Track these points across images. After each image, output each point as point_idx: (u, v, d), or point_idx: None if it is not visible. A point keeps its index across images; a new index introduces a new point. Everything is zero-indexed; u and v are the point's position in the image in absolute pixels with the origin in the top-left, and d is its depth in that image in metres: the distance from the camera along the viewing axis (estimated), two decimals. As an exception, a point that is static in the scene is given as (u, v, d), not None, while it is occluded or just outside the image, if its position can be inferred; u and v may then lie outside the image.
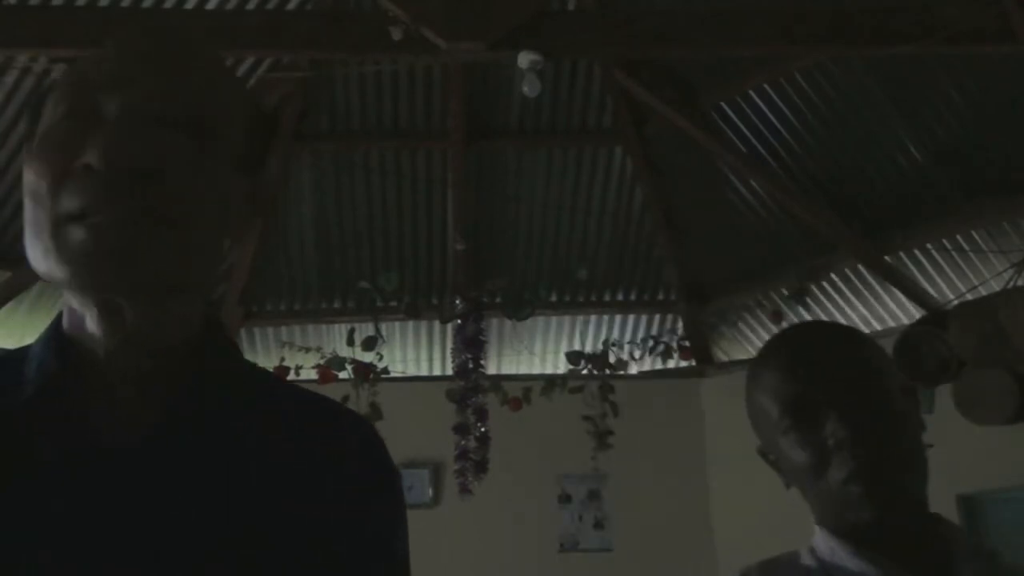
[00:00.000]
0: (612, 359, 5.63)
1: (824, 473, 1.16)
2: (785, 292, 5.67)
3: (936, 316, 5.06)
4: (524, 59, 3.98)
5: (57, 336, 0.86)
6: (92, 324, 0.84)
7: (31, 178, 0.81)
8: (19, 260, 5.23)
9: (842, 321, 5.36)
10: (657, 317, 6.41)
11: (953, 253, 5.27)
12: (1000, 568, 1.18)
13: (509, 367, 6.18)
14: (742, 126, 5.46)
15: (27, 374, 0.84)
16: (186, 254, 0.82)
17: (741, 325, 6.15)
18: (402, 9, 3.90)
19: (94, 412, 0.82)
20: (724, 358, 6.21)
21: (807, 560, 1.22)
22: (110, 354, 0.83)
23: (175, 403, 0.83)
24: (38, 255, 0.81)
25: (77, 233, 0.78)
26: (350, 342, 5.36)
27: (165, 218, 0.80)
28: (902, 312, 5.50)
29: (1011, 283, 4.86)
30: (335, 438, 0.90)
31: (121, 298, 0.81)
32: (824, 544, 1.20)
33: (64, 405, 0.82)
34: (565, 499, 5.81)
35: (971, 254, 5.21)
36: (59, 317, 0.88)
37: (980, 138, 4.90)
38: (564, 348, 6.11)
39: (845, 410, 1.15)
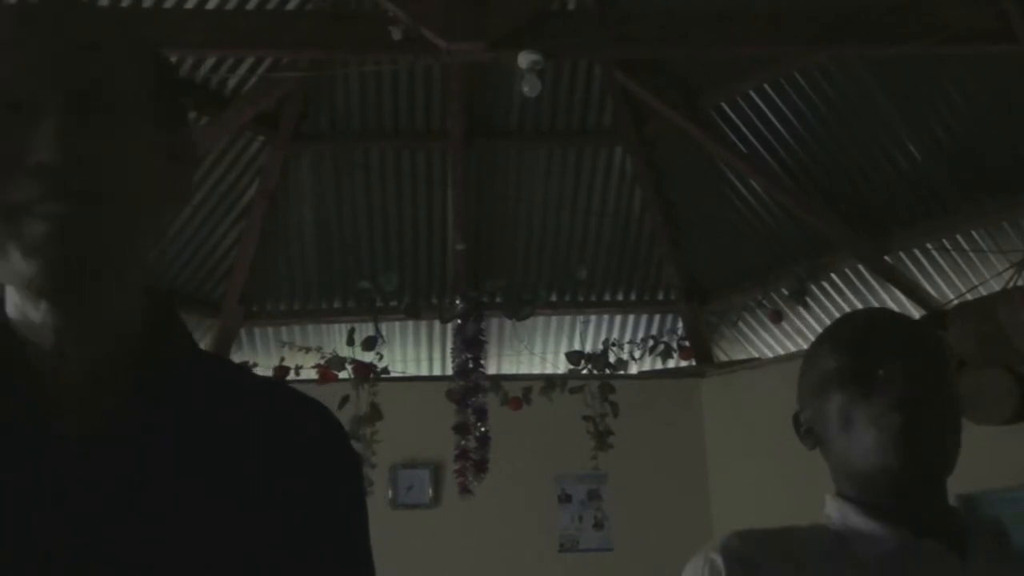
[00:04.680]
0: (612, 359, 5.62)
1: (869, 401, 1.15)
2: (785, 292, 5.67)
3: (936, 316, 5.06)
4: (524, 59, 3.98)
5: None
6: (40, 315, 0.82)
7: None
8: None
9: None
10: (657, 317, 6.41)
11: (953, 253, 5.27)
12: (1011, 550, 1.18)
13: (509, 367, 6.17)
14: (742, 126, 5.46)
15: None
16: (134, 234, 0.82)
17: (741, 325, 6.15)
18: (402, 9, 3.90)
19: (45, 402, 0.81)
20: (724, 358, 6.21)
21: (810, 529, 1.21)
22: (60, 343, 0.82)
23: (129, 388, 0.83)
24: None
25: (32, 227, 0.77)
26: (350, 342, 5.36)
27: (112, 203, 0.79)
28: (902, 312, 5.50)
29: (1011, 283, 4.86)
30: (296, 422, 0.91)
31: (81, 289, 0.81)
32: (836, 510, 1.19)
33: (12, 396, 0.81)
34: (565, 499, 5.81)
35: (971, 254, 5.22)
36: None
37: (980, 138, 4.90)
38: (564, 348, 6.11)
39: (908, 361, 1.17)
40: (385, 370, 5.38)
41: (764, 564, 1.15)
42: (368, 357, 5.34)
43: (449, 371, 5.48)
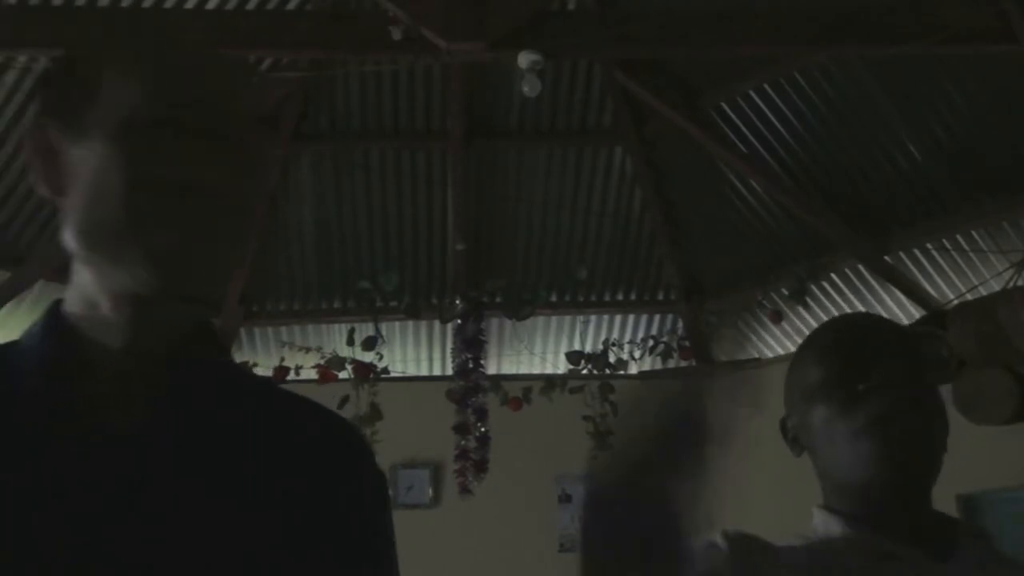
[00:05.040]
0: (612, 359, 5.62)
1: (849, 417, 1.14)
2: (785, 292, 5.67)
3: (936, 316, 5.06)
4: (524, 59, 3.98)
5: (58, 324, 0.89)
6: (115, 312, 0.87)
7: (114, 168, 0.84)
8: (19, 260, 5.23)
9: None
10: (657, 317, 6.41)
11: (953, 253, 5.27)
12: (998, 554, 1.18)
13: (509, 367, 6.17)
14: (742, 126, 5.46)
15: (27, 363, 0.86)
16: (235, 263, 0.90)
17: (741, 325, 6.15)
18: (402, 9, 3.90)
19: (92, 398, 0.84)
20: (724, 358, 6.21)
21: (793, 541, 1.20)
22: (131, 343, 0.87)
23: (170, 389, 0.87)
24: (91, 238, 0.85)
25: (159, 234, 0.83)
26: (350, 342, 5.36)
27: (229, 232, 0.87)
28: (902, 312, 5.51)
29: (1011, 283, 4.86)
30: (296, 422, 0.94)
31: (172, 298, 0.85)
32: (821, 522, 1.19)
33: (66, 392, 0.84)
34: (565, 499, 5.81)
35: (971, 254, 5.21)
36: (56, 306, 0.91)
37: (980, 138, 4.90)
38: (564, 348, 6.11)
39: (891, 367, 1.15)
40: (385, 370, 5.38)
41: (757, 557, 1.15)
42: (368, 357, 5.34)
43: (449, 371, 5.49)
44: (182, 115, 0.85)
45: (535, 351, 6.24)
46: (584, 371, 5.59)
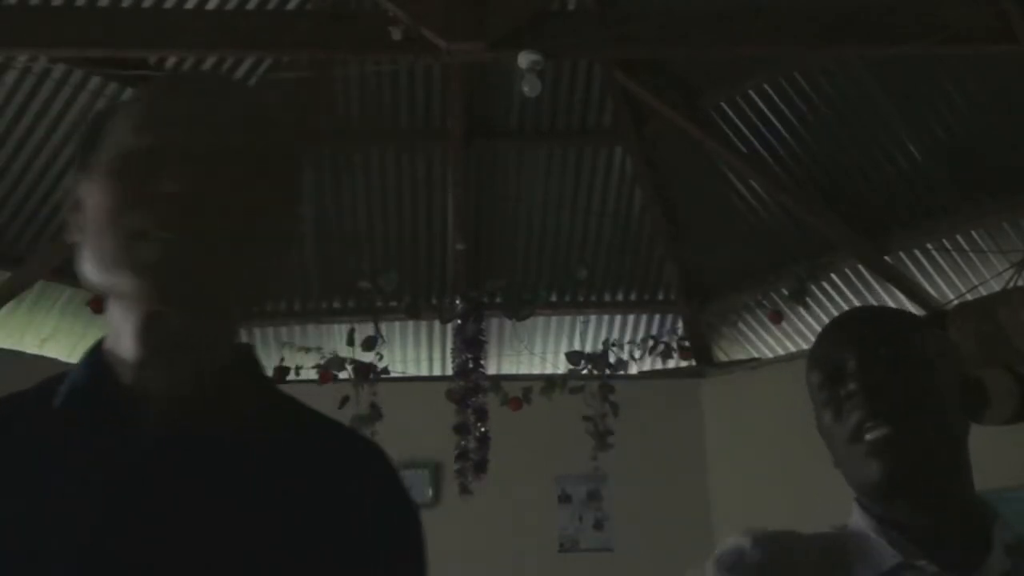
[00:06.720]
0: (612, 359, 5.63)
1: (841, 422, 1.14)
2: (785, 292, 5.67)
3: (936, 316, 5.06)
4: (524, 59, 3.98)
5: (94, 354, 0.94)
6: (131, 337, 0.90)
7: (107, 197, 0.88)
8: (19, 260, 5.23)
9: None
10: (657, 317, 6.41)
11: (953, 253, 5.27)
12: None
13: (509, 367, 6.17)
14: (742, 126, 5.46)
15: (61, 388, 0.92)
16: (231, 270, 0.90)
17: (741, 325, 6.15)
18: (402, 9, 3.90)
19: (115, 424, 0.88)
20: (724, 358, 6.21)
21: (826, 532, 1.20)
22: (143, 365, 0.89)
23: (195, 420, 0.89)
24: (101, 267, 0.89)
25: (147, 249, 0.85)
26: (350, 342, 5.36)
27: (225, 240, 0.88)
28: (902, 312, 5.50)
29: (1011, 283, 4.86)
30: (353, 470, 0.95)
31: (175, 309, 0.88)
32: (858, 517, 1.18)
33: (87, 416, 0.89)
34: (565, 499, 5.81)
35: (971, 254, 5.21)
36: (101, 340, 0.95)
37: (980, 138, 4.90)
38: (564, 348, 6.11)
39: (870, 369, 1.13)
40: (385, 370, 5.38)
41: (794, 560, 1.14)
42: (368, 357, 5.34)
43: (449, 371, 5.49)
44: (172, 139, 0.88)
45: (535, 351, 6.24)
46: (584, 371, 5.59)
